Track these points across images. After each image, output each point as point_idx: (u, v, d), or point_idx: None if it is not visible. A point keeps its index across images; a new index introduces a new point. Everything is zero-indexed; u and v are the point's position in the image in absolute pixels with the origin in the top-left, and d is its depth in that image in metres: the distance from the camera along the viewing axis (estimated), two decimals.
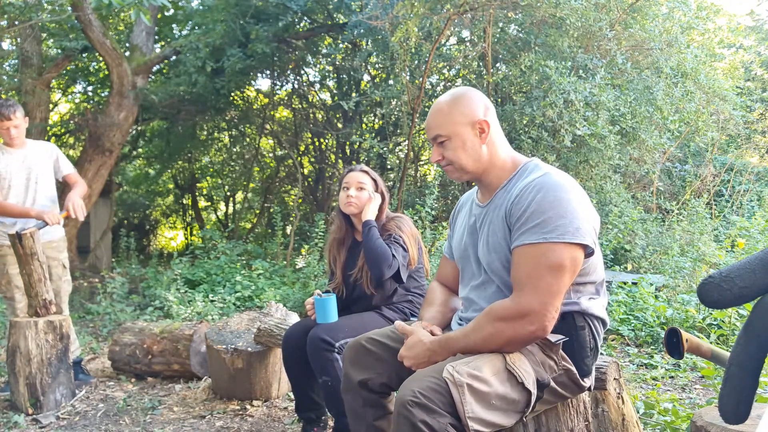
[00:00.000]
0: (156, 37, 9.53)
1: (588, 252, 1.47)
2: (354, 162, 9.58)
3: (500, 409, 1.42)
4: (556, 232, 1.41)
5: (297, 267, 7.33)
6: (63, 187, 3.78)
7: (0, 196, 3.36)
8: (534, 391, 1.46)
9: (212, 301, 5.63)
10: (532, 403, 1.47)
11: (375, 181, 2.60)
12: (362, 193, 2.56)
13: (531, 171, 1.57)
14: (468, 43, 7.91)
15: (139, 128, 11.06)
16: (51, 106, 10.23)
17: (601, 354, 4.09)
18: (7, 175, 3.38)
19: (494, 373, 1.42)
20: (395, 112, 7.73)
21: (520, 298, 1.42)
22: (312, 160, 10.98)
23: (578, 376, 1.56)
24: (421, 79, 6.80)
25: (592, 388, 1.66)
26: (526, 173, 1.57)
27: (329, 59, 9.50)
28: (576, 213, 1.44)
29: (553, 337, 1.53)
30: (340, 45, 9.00)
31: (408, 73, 7.20)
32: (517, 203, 1.49)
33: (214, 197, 15.09)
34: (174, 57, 8.63)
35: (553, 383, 1.51)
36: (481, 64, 7.29)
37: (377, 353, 1.76)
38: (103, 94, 10.41)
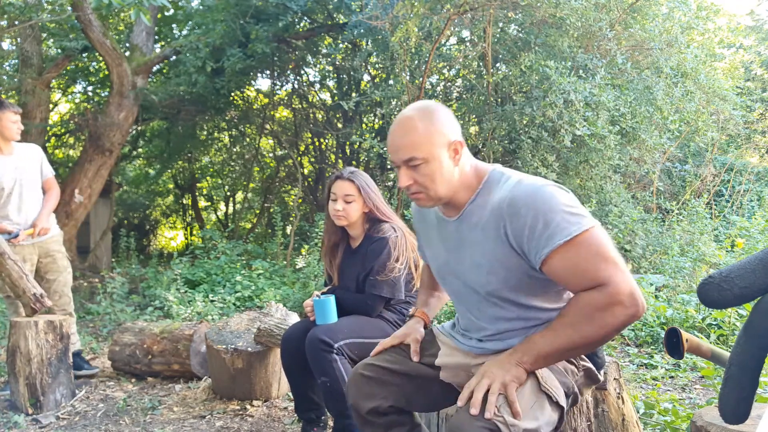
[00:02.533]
0: (156, 37, 9.53)
1: None
2: (354, 162, 9.58)
3: None
4: (579, 223, 1.34)
5: (297, 267, 7.33)
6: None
7: None
8: (566, 405, 1.45)
9: (212, 301, 5.63)
10: (564, 418, 1.46)
11: (360, 188, 2.52)
12: (350, 206, 2.52)
13: (501, 181, 1.48)
14: (468, 43, 7.91)
15: (139, 128, 11.06)
16: (51, 106, 10.23)
17: (603, 350, 4.08)
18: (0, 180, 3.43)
19: (533, 403, 1.38)
20: (395, 112, 7.72)
21: (608, 283, 1.31)
22: (312, 160, 10.98)
23: (596, 372, 1.57)
24: (421, 79, 6.80)
25: (602, 380, 1.67)
26: (496, 185, 1.48)
27: (329, 59, 9.50)
28: (574, 203, 1.40)
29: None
30: (340, 45, 9.00)
31: (408, 73, 7.19)
32: (514, 216, 1.39)
33: (214, 197, 15.09)
34: (174, 57, 8.63)
35: (576, 388, 1.51)
36: (481, 64, 7.29)
37: (377, 378, 1.68)
38: (103, 94, 10.41)
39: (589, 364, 1.56)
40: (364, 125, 9.87)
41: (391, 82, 8.22)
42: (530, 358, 1.39)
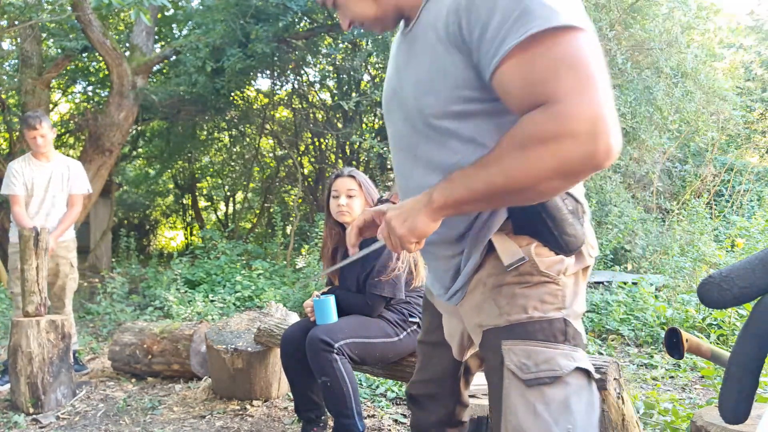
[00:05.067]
0: (156, 37, 9.53)
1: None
2: (354, 162, 9.58)
3: (575, 417, 1.06)
4: (555, 15, 0.91)
5: (297, 267, 7.33)
6: None
7: (19, 205, 3.57)
8: (576, 360, 1.09)
9: (212, 301, 5.63)
10: (585, 362, 1.11)
11: (360, 184, 2.57)
12: (353, 201, 2.54)
13: None
14: None
15: (139, 128, 11.06)
16: (51, 106, 10.22)
17: (601, 354, 4.09)
18: (30, 187, 3.61)
19: (533, 413, 1.06)
20: None
21: (561, 100, 0.89)
22: (312, 160, 10.97)
23: (566, 248, 1.11)
24: None
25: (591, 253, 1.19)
26: None
27: (329, 59, 9.49)
28: None
29: (509, 258, 1.10)
30: (340, 45, 9.00)
31: None
32: (468, 8, 0.96)
33: (214, 197, 15.09)
34: (174, 57, 8.63)
35: (569, 317, 1.12)
36: None
37: (426, 393, 1.50)
38: (103, 94, 10.41)
39: (565, 259, 1.11)
40: (364, 125, 9.87)
41: None
42: (443, 198, 1.02)
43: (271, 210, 11.21)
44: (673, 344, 1.71)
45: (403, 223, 1.07)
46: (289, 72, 9.73)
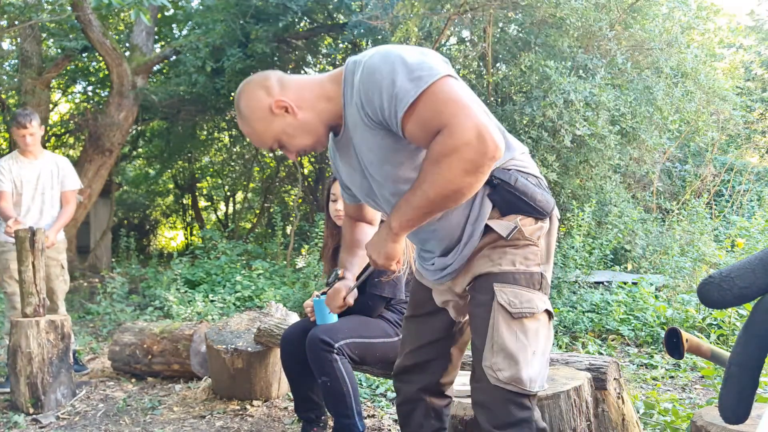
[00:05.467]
0: (156, 37, 9.53)
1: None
2: None
3: (540, 347, 1.41)
4: (421, 81, 1.25)
5: (297, 267, 7.33)
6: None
7: (6, 201, 3.51)
8: (545, 303, 1.44)
9: (212, 301, 5.63)
10: (547, 293, 1.47)
11: None
12: None
13: (355, 70, 1.39)
14: (468, 43, 7.90)
15: (139, 128, 11.07)
16: (51, 106, 10.23)
17: (601, 354, 4.09)
18: (19, 184, 3.56)
19: (514, 335, 1.39)
20: None
21: (446, 126, 1.23)
22: (312, 160, 10.97)
23: (543, 212, 1.45)
24: None
25: (556, 215, 1.54)
26: (352, 75, 1.40)
27: (329, 59, 9.50)
28: (417, 60, 1.30)
29: (506, 231, 1.42)
30: (340, 45, 9.01)
31: None
32: (367, 97, 1.32)
33: (214, 197, 15.09)
34: (174, 57, 8.63)
35: (543, 269, 1.46)
36: (481, 64, 7.28)
37: (416, 363, 1.70)
38: (103, 94, 10.41)
39: (535, 217, 1.44)
40: None
41: None
42: (397, 222, 1.39)
43: (271, 210, 11.21)
44: (673, 344, 1.71)
45: (379, 254, 1.49)
46: (289, 72, 9.73)
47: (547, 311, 1.45)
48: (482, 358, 1.42)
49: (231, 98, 9.19)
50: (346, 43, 8.76)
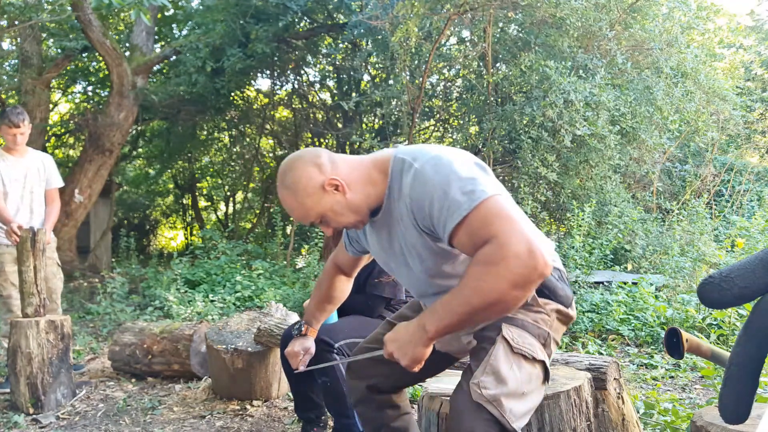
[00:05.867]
0: (156, 37, 9.53)
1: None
2: None
3: (531, 392, 1.43)
4: (474, 197, 1.31)
5: (297, 267, 7.33)
6: None
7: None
8: (545, 356, 1.48)
9: (212, 301, 5.63)
10: (548, 365, 1.49)
11: None
12: None
13: (404, 169, 1.46)
14: (468, 43, 7.90)
15: (139, 128, 11.06)
16: (51, 106, 10.23)
17: (601, 354, 4.09)
18: (7, 182, 3.53)
19: (510, 366, 1.42)
20: (395, 112, 7.73)
21: (495, 240, 1.26)
22: None
23: (566, 308, 1.55)
24: (421, 79, 6.80)
25: (575, 316, 1.65)
26: (400, 174, 1.47)
27: (329, 59, 9.50)
28: (469, 174, 1.36)
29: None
30: (340, 45, 9.00)
31: (408, 73, 7.19)
32: (418, 207, 1.40)
33: (214, 197, 15.09)
34: (174, 57, 8.63)
35: (552, 335, 1.52)
36: (481, 64, 7.28)
37: (375, 359, 1.73)
38: (103, 94, 10.41)
39: (556, 304, 1.55)
40: (364, 125, 9.87)
41: (391, 82, 8.22)
42: (433, 327, 1.36)
43: (271, 210, 11.20)
44: (673, 344, 1.71)
45: (405, 356, 1.41)
46: (289, 72, 9.73)
47: (545, 369, 1.47)
48: (472, 377, 1.42)
49: (231, 98, 9.20)
50: (346, 43, 8.76)
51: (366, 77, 9.55)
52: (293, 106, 10.50)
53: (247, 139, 11.59)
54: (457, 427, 1.39)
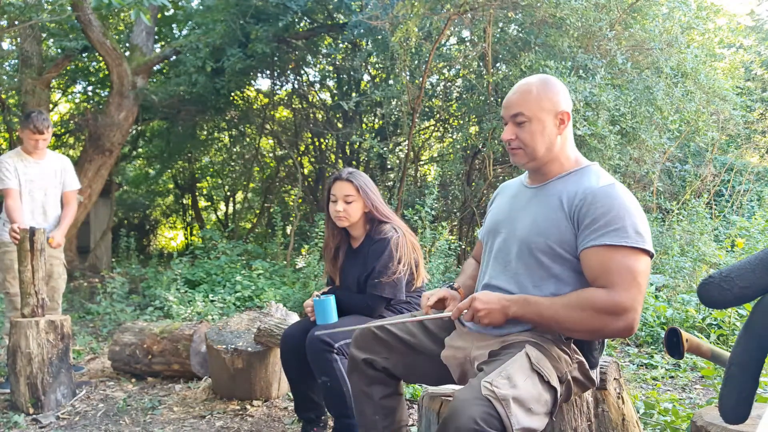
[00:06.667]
0: (156, 37, 9.52)
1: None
2: (354, 162, 9.58)
3: (537, 414, 1.43)
4: (640, 241, 1.46)
5: (297, 267, 7.33)
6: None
7: (13, 200, 3.51)
8: (559, 388, 1.49)
9: (212, 301, 5.62)
10: (558, 402, 1.50)
11: (358, 188, 2.53)
12: (351, 207, 2.52)
13: (596, 175, 1.59)
14: (468, 43, 7.90)
15: (139, 128, 11.06)
16: (51, 106, 10.22)
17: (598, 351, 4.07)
18: (23, 182, 3.56)
19: (525, 378, 1.44)
20: (395, 112, 7.72)
21: (617, 293, 1.43)
22: (312, 160, 10.97)
23: (589, 369, 1.60)
24: (421, 79, 6.80)
25: (598, 382, 1.70)
26: (589, 174, 1.60)
27: (329, 59, 9.49)
28: (646, 228, 1.51)
29: None
30: (340, 45, 9.00)
31: (408, 73, 7.19)
32: (591, 204, 1.51)
33: (214, 197, 15.08)
34: (174, 57, 8.62)
35: (569, 376, 1.55)
36: (481, 64, 7.28)
37: (385, 340, 1.80)
38: (103, 94, 10.41)
39: (582, 358, 1.59)
40: (364, 125, 9.86)
41: (391, 82, 8.22)
42: (518, 309, 1.53)
43: (271, 210, 11.20)
44: (673, 344, 1.71)
45: (486, 316, 1.55)
46: (289, 72, 9.73)
47: (554, 401, 1.49)
48: (485, 376, 1.43)
49: (231, 98, 9.19)
50: (346, 43, 8.75)
51: (366, 77, 9.54)
52: (293, 106, 10.49)
53: (247, 139, 11.59)
54: (456, 414, 1.35)
